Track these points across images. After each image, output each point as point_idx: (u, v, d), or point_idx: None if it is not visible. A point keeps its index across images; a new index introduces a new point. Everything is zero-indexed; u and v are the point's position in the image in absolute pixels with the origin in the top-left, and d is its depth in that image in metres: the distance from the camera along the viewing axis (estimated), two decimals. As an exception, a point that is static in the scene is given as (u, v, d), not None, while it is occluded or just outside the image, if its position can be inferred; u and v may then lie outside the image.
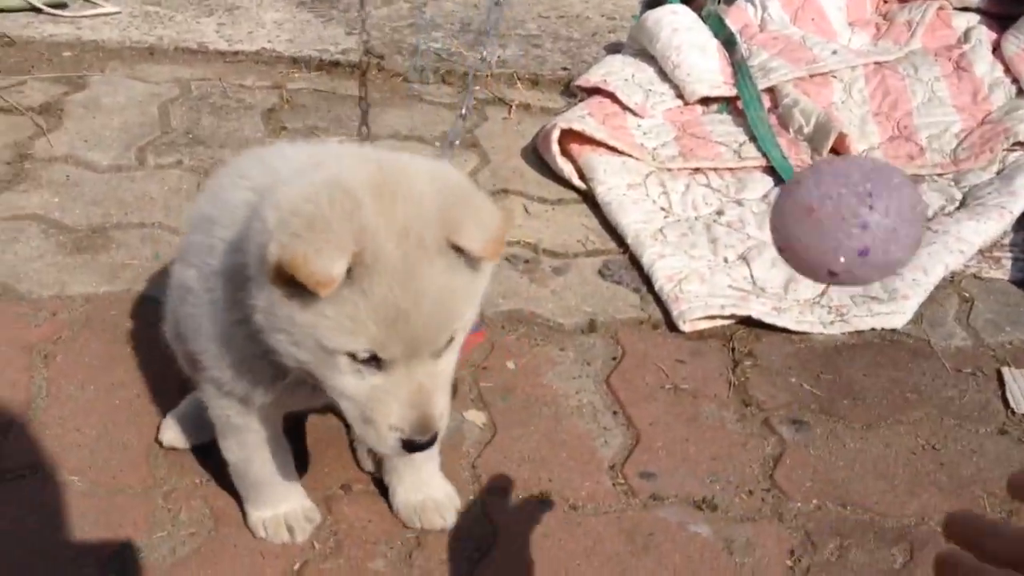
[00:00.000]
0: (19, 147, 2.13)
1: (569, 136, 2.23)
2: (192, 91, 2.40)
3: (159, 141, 2.20)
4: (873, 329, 1.83)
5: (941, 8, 2.64)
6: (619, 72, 2.50)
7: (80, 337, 1.68)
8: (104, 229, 1.93)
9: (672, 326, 1.84)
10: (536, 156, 2.32)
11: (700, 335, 1.82)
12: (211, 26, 2.68)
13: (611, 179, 2.15)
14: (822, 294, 1.89)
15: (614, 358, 1.76)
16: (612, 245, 2.05)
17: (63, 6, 2.66)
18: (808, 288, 1.89)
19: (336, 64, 2.59)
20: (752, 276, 1.93)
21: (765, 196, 2.15)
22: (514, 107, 2.50)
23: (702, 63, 2.44)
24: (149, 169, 2.12)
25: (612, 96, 2.42)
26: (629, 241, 2.02)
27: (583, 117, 2.27)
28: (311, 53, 2.61)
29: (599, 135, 2.21)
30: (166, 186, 2.07)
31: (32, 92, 2.32)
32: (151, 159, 2.15)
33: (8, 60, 2.44)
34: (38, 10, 2.62)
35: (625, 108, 2.40)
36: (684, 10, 2.56)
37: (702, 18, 2.59)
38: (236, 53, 2.58)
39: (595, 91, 2.46)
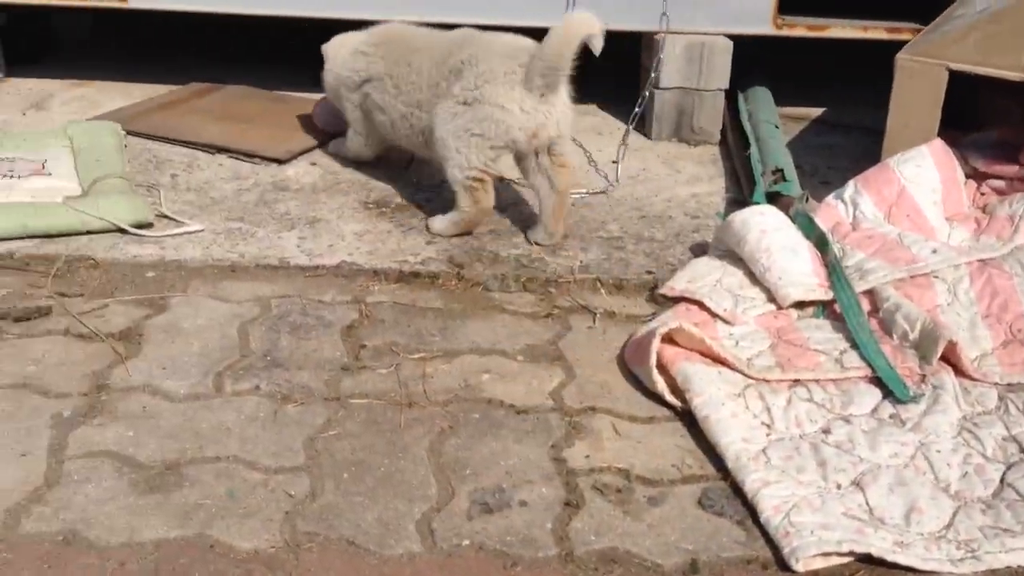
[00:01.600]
0: (97, 377, 2.09)
1: (663, 345, 2.13)
2: (272, 309, 2.37)
3: (237, 366, 2.15)
4: (1009, 567, 1.64)
5: (1044, 199, 2.53)
6: (705, 277, 2.42)
7: (148, 591, 1.58)
8: (178, 465, 1.86)
9: (784, 565, 1.68)
10: (624, 368, 2.22)
11: (816, 575, 1.66)
12: (292, 240, 2.68)
13: (709, 389, 2.03)
14: (948, 526, 1.72)
15: (721, 603, 1.61)
16: (711, 469, 1.91)
17: (148, 226, 2.69)
18: (932, 519, 1.72)
19: (416, 275, 2.55)
20: (868, 504, 1.77)
21: (874, 411, 2.01)
22: (598, 315, 2.42)
23: (794, 265, 2.35)
24: (226, 396, 2.06)
25: (699, 303, 2.33)
26: (729, 465, 1.88)
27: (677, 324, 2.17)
28: (391, 264, 2.58)
29: (697, 336, 2.11)
30: (242, 415, 2.00)
31: (113, 316, 2.31)
32: (228, 385, 2.09)
33: (92, 283, 2.45)
34: (124, 231, 2.64)
35: (714, 315, 2.30)
36: (771, 210, 2.49)
37: (790, 218, 2.51)
38: (316, 268, 2.56)
39: (681, 299, 2.38)
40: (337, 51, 3.03)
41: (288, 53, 4.03)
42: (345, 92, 3.00)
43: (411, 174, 3.10)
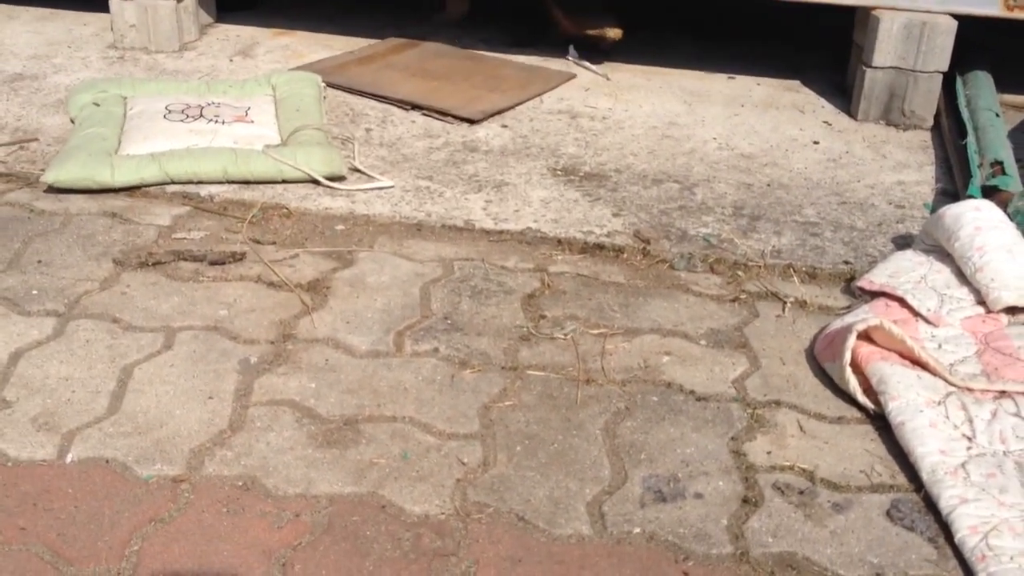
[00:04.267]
0: (284, 326, 2.14)
1: (858, 342, 2.01)
2: (454, 272, 2.36)
3: (418, 326, 2.16)
4: None
5: None
6: (909, 272, 2.27)
7: (320, 544, 1.60)
8: (356, 421, 1.87)
9: (977, 591, 1.56)
10: (813, 362, 2.11)
11: (1013, 607, 1.53)
12: (479, 203, 2.66)
13: (906, 394, 1.91)
14: None
15: (905, 624, 1.51)
16: (902, 480, 1.80)
17: (341, 179, 2.72)
18: None
19: (600, 247, 2.50)
20: (1078, 536, 1.62)
21: (1091, 434, 1.84)
22: (789, 303, 2.31)
23: (1009, 267, 2.18)
24: (405, 356, 2.06)
25: (901, 300, 2.19)
26: (924, 477, 1.76)
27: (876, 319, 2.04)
28: (575, 235, 2.53)
29: (898, 336, 1.98)
30: (420, 376, 2.01)
31: (303, 267, 2.35)
32: (408, 345, 2.10)
33: (285, 232, 2.50)
34: (317, 182, 2.69)
35: (916, 314, 2.16)
36: (989, 206, 2.31)
37: (1008, 215, 2.33)
38: (501, 232, 2.54)
39: (880, 294, 2.24)
40: None
41: (483, 11, 4.02)
42: None
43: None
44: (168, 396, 1.91)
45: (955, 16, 3.09)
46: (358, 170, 2.80)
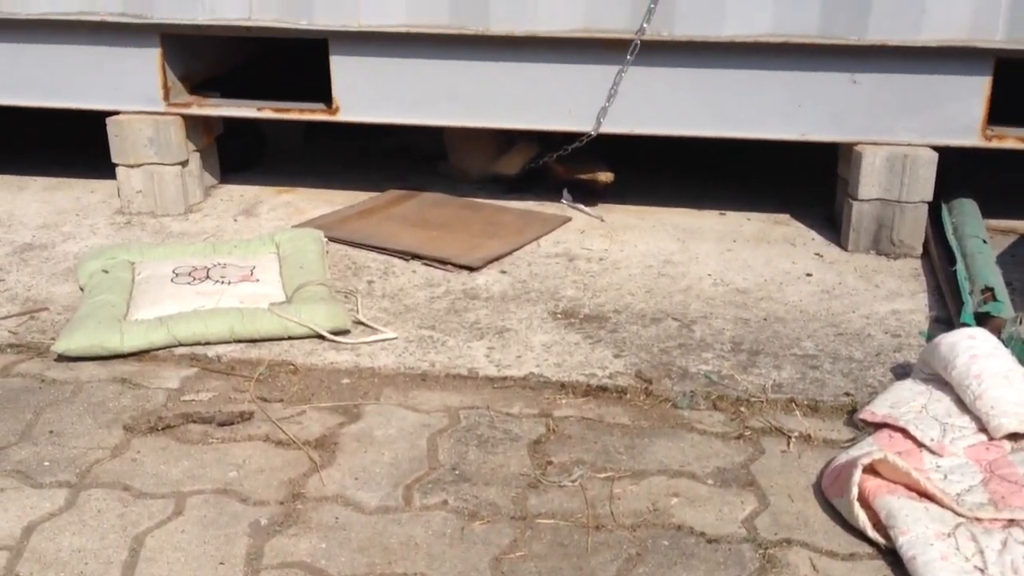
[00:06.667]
0: (293, 485, 2.15)
1: (864, 476, 2.02)
2: (460, 421, 2.39)
3: (426, 478, 2.17)
4: None
5: None
6: (909, 403, 2.30)
7: None
8: (367, 581, 1.87)
9: None
10: (821, 497, 2.12)
11: None
12: (481, 350, 2.71)
13: (915, 527, 1.91)
14: None
15: None
16: (918, 617, 1.79)
17: (345, 332, 2.78)
18: None
19: (603, 389, 2.53)
20: (1100, 669, 1.60)
21: (1103, 564, 1.83)
22: (793, 438, 2.33)
23: (1007, 394, 2.21)
24: (415, 510, 2.08)
25: (903, 431, 2.21)
26: (939, 614, 1.75)
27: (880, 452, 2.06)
28: (578, 378, 2.57)
29: (903, 469, 1.99)
30: (430, 530, 2.01)
31: (310, 423, 2.38)
32: (417, 499, 2.11)
33: (292, 388, 2.54)
34: (322, 337, 2.74)
35: (920, 445, 2.18)
36: (983, 334, 2.35)
37: (1003, 341, 2.37)
38: (504, 379, 2.58)
39: (882, 425, 2.26)
40: None
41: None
42: None
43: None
44: (180, 564, 1.92)
45: (935, 148, 3.20)
46: (362, 323, 2.86)
